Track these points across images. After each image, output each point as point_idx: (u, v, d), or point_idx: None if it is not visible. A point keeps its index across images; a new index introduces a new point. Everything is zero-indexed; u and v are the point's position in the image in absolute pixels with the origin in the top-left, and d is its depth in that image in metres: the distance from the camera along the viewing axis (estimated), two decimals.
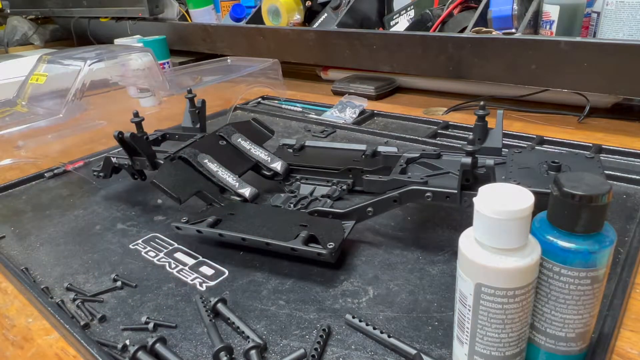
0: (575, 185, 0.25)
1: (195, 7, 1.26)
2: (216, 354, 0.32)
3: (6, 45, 1.63)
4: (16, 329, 0.38)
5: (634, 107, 0.75)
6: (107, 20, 1.41)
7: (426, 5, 0.93)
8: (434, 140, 0.67)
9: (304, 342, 0.34)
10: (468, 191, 0.41)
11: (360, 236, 0.46)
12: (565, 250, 0.26)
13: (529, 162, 0.41)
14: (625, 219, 0.46)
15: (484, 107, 0.47)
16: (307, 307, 0.37)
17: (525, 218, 0.24)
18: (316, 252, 0.39)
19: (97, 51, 0.82)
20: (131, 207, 0.55)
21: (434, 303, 0.37)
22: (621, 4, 0.67)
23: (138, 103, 0.92)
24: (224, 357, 0.32)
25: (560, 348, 0.28)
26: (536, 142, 0.63)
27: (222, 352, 0.32)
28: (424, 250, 0.43)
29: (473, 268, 0.26)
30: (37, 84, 0.80)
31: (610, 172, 0.53)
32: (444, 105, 0.84)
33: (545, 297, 0.27)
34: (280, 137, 0.70)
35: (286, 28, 1.02)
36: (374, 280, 0.40)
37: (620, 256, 0.40)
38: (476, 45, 0.74)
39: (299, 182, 0.55)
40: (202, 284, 0.41)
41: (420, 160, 0.48)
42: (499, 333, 0.26)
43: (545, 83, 0.70)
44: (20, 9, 1.68)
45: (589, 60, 0.64)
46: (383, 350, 0.33)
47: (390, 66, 0.86)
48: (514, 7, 0.77)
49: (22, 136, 0.68)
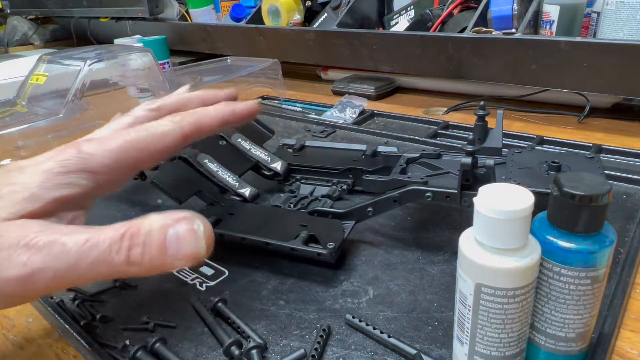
0: (575, 185, 0.25)
1: (195, 7, 1.26)
2: (227, 348, 0.32)
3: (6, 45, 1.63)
4: (16, 329, 0.38)
5: (634, 107, 0.75)
6: (107, 20, 1.41)
7: (426, 5, 0.93)
8: (434, 140, 0.67)
9: (304, 342, 0.34)
10: (468, 191, 0.41)
11: (360, 236, 0.46)
12: (565, 250, 0.26)
13: (529, 162, 0.41)
14: (625, 219, 0.46)
15: (484, 107, 0.47)
16: (307, 307, 0.37)
17: (525, 218, 0.24)
18: (316, 252, 0.39)
19: (97, 51, 0.82)
20: (131, 207, 0.55)
21: (434, 303, 0.37)
22: (621, 4, 0.67)
23: (138, 103, 0.92)
24: (235, 350, 0.32)
25: (560, 348, 0.28)
26: (536, 142, 0.63)
27: (233, 346, 0.32)
28: (424, 250, 0.43)
29: (473, 268, 0.26)
30: (37, 84, 0.80)
31: (610, 172, 0.53)
32: (444, 105, 0.84)
33: (545, 297, 0.27)
34: (280, 137, 0.70)
35: (286, 28, 1.02)
36: (374, 280, 0.40)
37: (620, 256, 0.40)
38: (476, 45, 0.74)
39: (299, 182, 0.55)
40: (202, 284, 0.41)
41: (420, 160, 0.48)
42: (499, 333, 0.26)
43: (545, 83, 0.70)
44: (20, 9, 1.68)
45: (589, 60, 0.64)
46: (383, 350, 0.33)
47: (390, 66, 0.86)
48: (514, 7, 0.77)
49: (22, 136, 0.68)
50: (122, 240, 0.24)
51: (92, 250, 0.24)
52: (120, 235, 0.24)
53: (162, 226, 0.25)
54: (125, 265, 0.24)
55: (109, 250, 0.24)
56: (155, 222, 0.25)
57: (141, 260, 0.24)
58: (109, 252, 0.24)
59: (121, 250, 0.24)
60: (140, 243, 0.24)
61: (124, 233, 0.25)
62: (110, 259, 0.24)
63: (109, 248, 0.24)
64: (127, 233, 0.25)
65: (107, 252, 0.24)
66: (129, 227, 0.25)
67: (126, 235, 0.25)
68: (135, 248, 0.24)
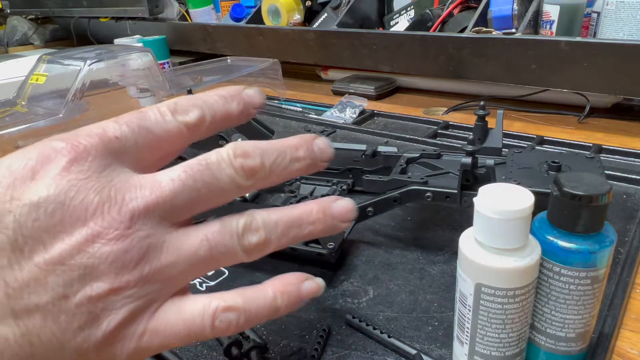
0: (575, 185, 0.25)
1: (195, 7, 1.26)
2: (227, 348, 0.32)
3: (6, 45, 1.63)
4: None
5: (634, 107, 0.75)
6: (107, 20, 1.41)
7: (426, 5, 0.93)
8: (434, 140, 0.67)
9: (304, 342, 0.34)
10: (468, 191, 0.41)
11: (360, 236, 0.46)
12: (565, 250, 0.26)
13: (529, 162, 0.41)
14: (625, 219, 0.46)
15: (484, 107, 0.47)
16: (307, 307, 0.37)
17: (525, 218, 0.24)
18: (316, 252, 0.39)
19: (97, 51, 0.82)
20: None
21: (434, 303, 0.37)
22: (621, 4, 0.67)
23: (138, 103, 0.92)
24: (235, 351, 0.32)
25: (561, 348, 0.28)
26: (536, 142, 0.63)
27: (232, 346, 0.32)
28: (424, 250, 0.43)
29: (473, 268, 0.26)
30: (37, 84, 0.80)
31: (611, 172, 0.53)
32: (444, 105, 0.84)
33: (546, 297, 0.27)
34: (280, 137, 0.70)
35: (286, 28, 1.02)
36: (374, 280, 0.40)
37: (620, 256, 0.40)
38: (476, 45, 0.74)
39: (299, 182, 0.55)
40: (202, 284, 0.41)
41: (420, 160, 0.48)
42: (499, 333, 0.26)
43: (545, 83, 0.70)
44: (20, 9, 1.68)
45: (589, 60, 0.64)
46: (383, 350, 0.33)
47: (390, 66, 0.86)
48: (514, 7, 0.77)
49: (22, 136, 0.68)
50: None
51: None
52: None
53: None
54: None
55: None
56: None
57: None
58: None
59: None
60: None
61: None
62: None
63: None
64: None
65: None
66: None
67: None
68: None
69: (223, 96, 0.25)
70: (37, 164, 0.20)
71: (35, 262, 0.19)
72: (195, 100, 0.24)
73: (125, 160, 0.22)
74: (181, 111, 0.23)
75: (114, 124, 0.22)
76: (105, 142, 0.21)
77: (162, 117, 0.23)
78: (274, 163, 0.24)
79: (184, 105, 0.24)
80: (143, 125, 0.23)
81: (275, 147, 0.25)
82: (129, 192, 0.21)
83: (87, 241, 0.19)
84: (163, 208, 0.21)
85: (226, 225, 0.23)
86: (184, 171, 0.22)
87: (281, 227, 0.24)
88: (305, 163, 0.25)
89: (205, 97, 0.24)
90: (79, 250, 0.19)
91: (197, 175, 0.22)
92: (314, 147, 0.25)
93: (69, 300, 0.19)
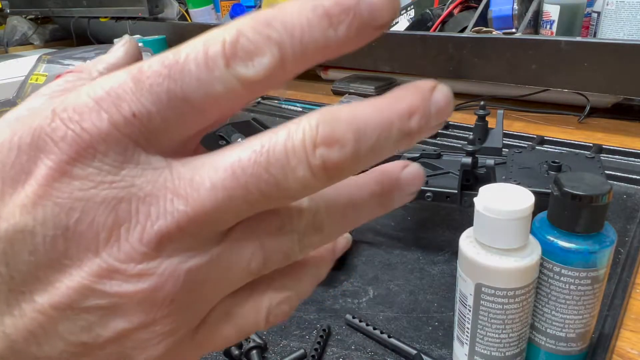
0: (575, 185, 0.25)
1: (195, 7, 1.26)
2: (227, 348, 0.32)
3: (6, 45, 1.63)
4: None
5: (634, 107, 0.75)
6: (106, 20, 1.41)
7: (426, 5, 0.93)
8: (434, 140, 0.67)
9: (304, 342, 0.34)
10: (468, 191, 0.41)
11: (360, 236, 0.46)
12: (566, 250, 0.26)
13: (529, 162, 0.41)
14: (625, 219, 0.46)
15: (484, 107, 0.47)
16: (307, 307, 0.37)
17: (525, 218, 0.24)
18: None
19: (97, 51, 0.82)
20: None
21: (434, 303, 0.37)
22: (621, 4, 0.67)
23: None
24: (235, 351, 0.32)
25: (561, 348, 0.28)
26: (536, 142, 0.63)
27: (232, 346, 0.32)
28: (424, 250, 0.43)
29: (473, 268, 0.26)
30: (37, 84, 0.80)
31: (611, 172, 0.53)
32: None
33: (546, 297, 0.27)
34: None
35: None
36: (374, 280, 0.40)
37: (620, 256, 0.40)
38: (476, 45, 0.74)
39: None
40: None
41: (421, 160, 0.48)
42: (499, 333, 0.26)
43: (545, 83, 0.70)
44: (20, 9, 1.68)
45: (589, 60, 0.64)
46: (383, 350, 0.32)
47: (390, 66, 0.86)
48: (514, 7, 0.77)
49: None
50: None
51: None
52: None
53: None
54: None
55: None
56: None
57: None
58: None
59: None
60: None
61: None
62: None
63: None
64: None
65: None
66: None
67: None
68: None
69: (320, 15, 0.14)
70: (27, 158, 0.14)
71: (40, 306, 0.14)
72: (270, 27, 0.14)
73: (149, 146, 0.15)
74: (243, 56, 0.14)
75: (131, 90, 0.14)
76: (120, 127, 0.14)
77: (208, 71, 0.14)
78: (372, 149, 0.14)
79: (249, 41, 0.14)
80: (176, 91, 0.14)
81: (382, 116, 0.14)
82: (156, 204, 0.14)
83: (101, 277, 0.14)
84: (201, 226, 0.15)
85: (285, 221, 0.16)
86: (233, 173, 0.15)
87: (345, 224, 0.17)
88: (413, 139, 0.15)
89: (289, 16, 0.14)
90: (93, 290, 0.14)
91: (250, 182, 0.14)
92: (431, 109, 0.14)
93: (87, 346, 0.15)
